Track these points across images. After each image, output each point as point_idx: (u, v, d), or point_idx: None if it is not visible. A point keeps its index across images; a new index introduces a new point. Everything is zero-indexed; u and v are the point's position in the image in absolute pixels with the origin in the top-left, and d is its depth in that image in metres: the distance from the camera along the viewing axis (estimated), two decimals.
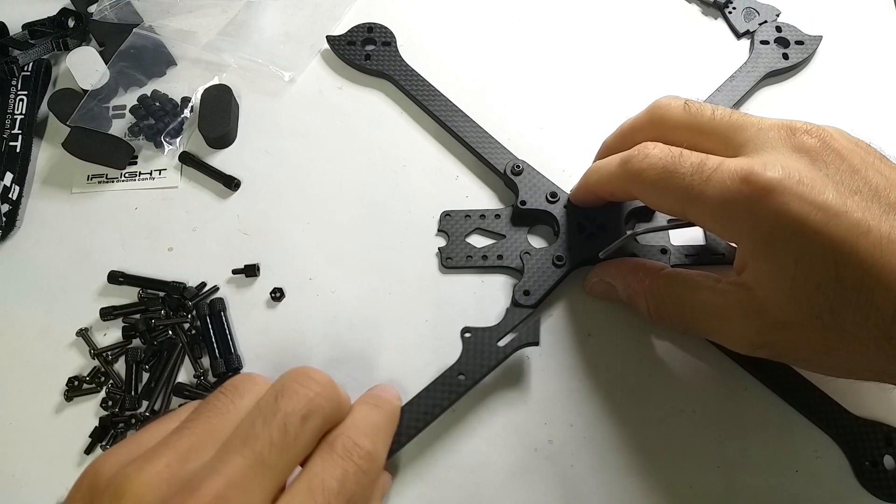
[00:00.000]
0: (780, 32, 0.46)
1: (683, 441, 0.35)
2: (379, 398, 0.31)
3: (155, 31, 0.48)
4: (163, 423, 0.26)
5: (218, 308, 0.38)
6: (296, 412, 0.24)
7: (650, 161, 0.30)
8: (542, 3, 0.49)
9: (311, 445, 0.25)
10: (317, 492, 0.23)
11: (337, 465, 0.25)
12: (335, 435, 0.26)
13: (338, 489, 0.24)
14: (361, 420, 0.28)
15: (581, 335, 0.38)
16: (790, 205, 0.26)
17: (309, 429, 0.25)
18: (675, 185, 0.29)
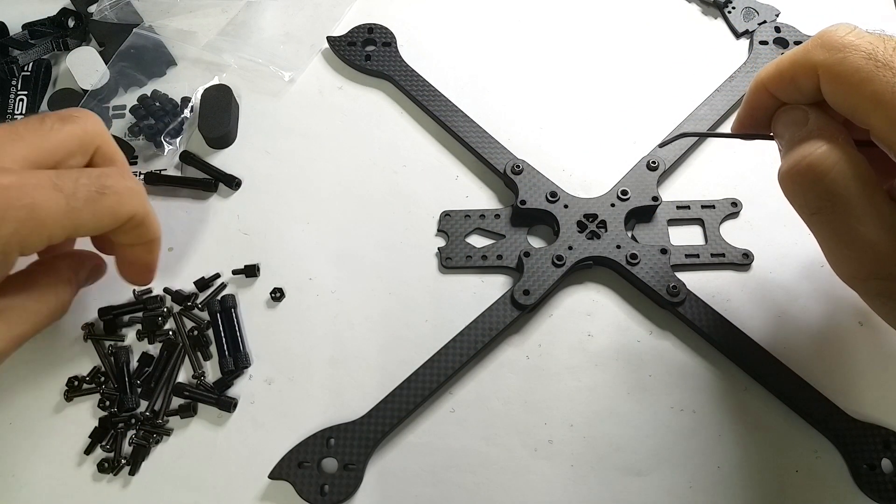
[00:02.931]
0: (780, 33, 0.46)
1: (683, 441, 0.35)
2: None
3: (155, 31, 0.48)
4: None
5: (229, 304, 0.38)
6: (58, 116, 0.29)
7: (854, 41, 0.26)
8: (542, 3, 0.49)
9: (64, 145, 0.28)
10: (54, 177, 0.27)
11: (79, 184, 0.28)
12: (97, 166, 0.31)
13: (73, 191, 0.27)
14: (118, 173, 0.30)
15: (581, 335, 0.38)
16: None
17: (66, 129, 0.28)
18: (878, 80, 0.24)
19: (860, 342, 0.37)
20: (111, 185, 0.28)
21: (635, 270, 0.38)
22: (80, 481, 0.35)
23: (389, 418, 0.35)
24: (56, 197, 0.26)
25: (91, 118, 0.30)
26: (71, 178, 0.27)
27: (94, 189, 0.27)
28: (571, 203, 0.40)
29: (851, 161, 0.25)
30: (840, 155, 0.25)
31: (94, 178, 0.28)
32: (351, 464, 0.34)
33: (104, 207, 0.28)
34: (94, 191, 0.27)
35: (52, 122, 0.28)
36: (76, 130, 0.29)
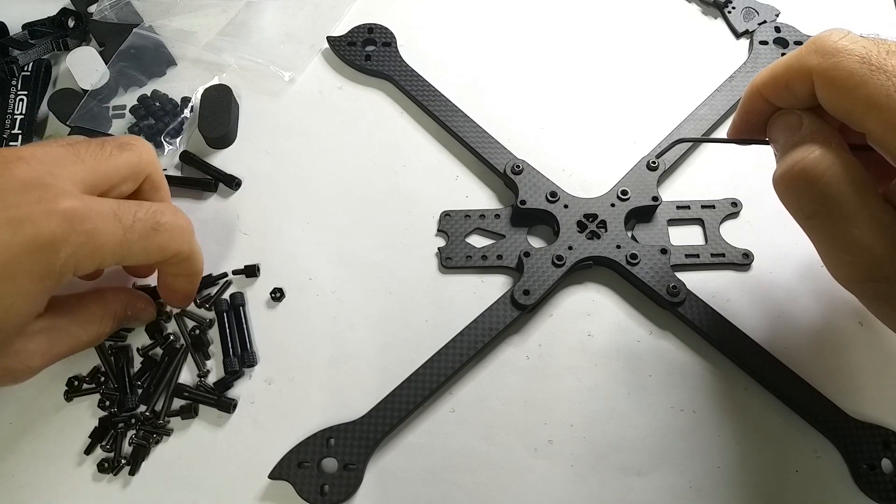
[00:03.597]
0: (779, 33, 0.46)
1: (683, 441, 0.35)
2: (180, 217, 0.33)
3: (155, 31, 0.48)
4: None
5: (238, 302, 0.38)
6: (117, 142, 0.30)
7: (847, 45, 0.25)
8: (542, 3, 0.49)
9: (120, 171, 0.30)
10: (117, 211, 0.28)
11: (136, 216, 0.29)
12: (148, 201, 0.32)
13: (131, 224, 0.29)
14: (171, 211, 0.32)
15: (581, 335, 0.38)
16: None
17: (123, 156, 0.30)
18: (873, 83, 0.24)
19: (860, 342, 0.37)
20: (165, 223, 0.30)
21: (635, 270, 0.38)
22: (80, 481, 0.35)
23: (389, 418, 0.35)
24: (115, 227, 0.27)
25: (145, 146, 0.32)
26: (130, 211, 0.28)
27: (150, 225, 0.29)
28: (571, 203, 0.40)
29: (845, 165, 0.25)
30: (833, 159, 0.25)
31: (150, 213, 0.29)
32: (351, 464, 0.34)
33: (155, 243, 0.29)
34: (149, 227, 0.29)
35: (111, 149, 0.30)
36: (132, 158, 0.30)
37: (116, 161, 0.29)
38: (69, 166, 0.27)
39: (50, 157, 0.27)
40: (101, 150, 0.29)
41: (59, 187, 0.26)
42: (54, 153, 0.28)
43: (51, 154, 0.27)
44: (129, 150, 0.30)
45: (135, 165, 0.30)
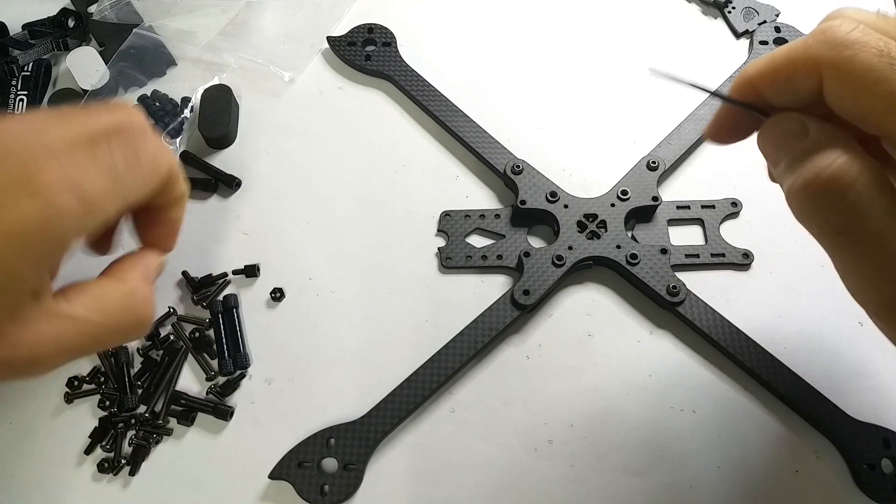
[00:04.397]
0: (779, 32, 0.46)
1: (683, 441, 0.35)
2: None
3: (155, 31, 0.48)
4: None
5: (231, 304, 0.38)
6: (105, 104, 0.28)
7: (862, 37, 0.22)
8: (542, 3, 0.49)
9: (107, 129, 0.26)
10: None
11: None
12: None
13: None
14: (145, 133, 0.28)
15: (581, 335, 0.38)
16: None
17: (111, 115, 0.27)
18: (894, 83, 0.21)
19: (860, 342, 0.37)
20: (142, 146, 0.27)
21: (635, 270, 0.38)
22: (80, 481, 0.35)
23: (389, 418, 0.35)
24: (102, 175, 0.25)
25: (135, 110, 0.29)
26: (105, 147, 0.25)
27: (129, 152, 0.26)
28: (571, 203, 0.40)
29: (875, 172, 0.22)
30: (863, 165, 0.22)
31: (124, 141, 0.26)
32: (351, 464, 0.34)
33: (145, 168, 0.27)
34: (130, 154, 0.26)
35: (98, 110, 0.28)
36: (120, 117, 0.28)
37: (103, 119, 0.27)
38: (52, 126, 0.25)
39: (30, 121, 0.25)
40: (86, 110, 0.27)
41: (41, 153, 0.23)
42: (37, 117, 0.26)
43: (32, 119, 0.25)
44: (117, 111, 0.28)
45: (123, 124, 0.27)
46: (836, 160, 0.22)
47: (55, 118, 0.26)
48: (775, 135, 0.25)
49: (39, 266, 0.23)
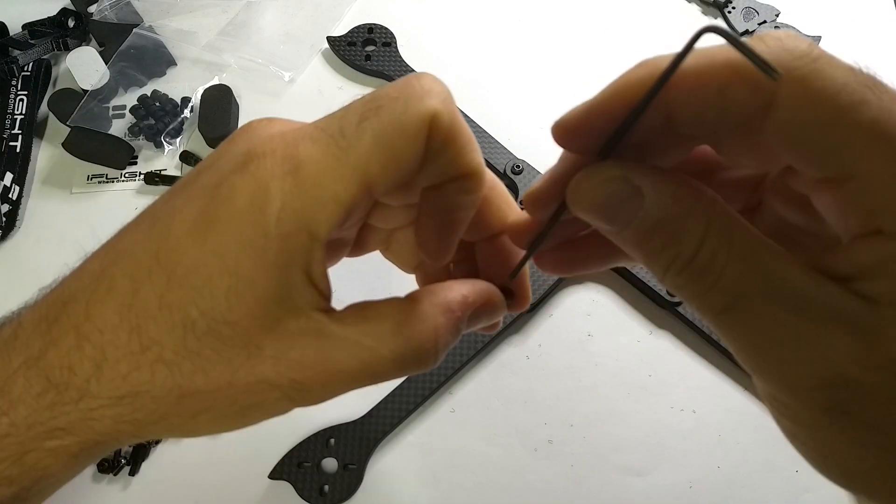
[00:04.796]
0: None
1: (683, 441, 0.35)
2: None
3: (155, 31, 0.48)
4: None
5: None
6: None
7: (825, 53, 0.17)
8: (542, 4, 0.49)
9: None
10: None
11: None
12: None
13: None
14: (404, 80, 0.20)
15: (581, 335, 0.38)
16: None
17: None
18: (876, 108, 0.16)
19: None
20: (386, 93, 0.19)
21: (635, 270, 0.38)
22: (80, 481, 0.35)
23: (389, 418, 0.35)
24: (321, 145, 0.19)
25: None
26: (340, 111, 0.19)
27: (367, 107, 0.19)
28: None
29: (747, 241, 0.17)
30: (730, 234, 0.17)
31: (363, 100, 0.20)
32: (351, 464, 0.34)
33: (383, 123, 0.19)
34: (367, 110, 0.19)
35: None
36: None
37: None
38: (318, 120, 0.20)
39: (291, 121, 0.21)
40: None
41: (265, 136, 0.20)
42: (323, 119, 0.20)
43: (292, 121, 0.21)
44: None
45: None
46: (701, 242, 0.18)
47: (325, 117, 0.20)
48: (598, 198, 0.19)
49: (264, 261, 0.19)
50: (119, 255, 0.21)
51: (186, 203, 0.20)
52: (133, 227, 0.22)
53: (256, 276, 0.19)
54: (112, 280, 0.20)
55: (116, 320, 0.20)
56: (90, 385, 0.20)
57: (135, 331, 0.19)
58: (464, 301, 0.22)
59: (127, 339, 0.20)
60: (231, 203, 0.19)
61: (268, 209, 0.18)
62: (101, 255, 0.22)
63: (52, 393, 0.20)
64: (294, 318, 0.20)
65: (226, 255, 0.19)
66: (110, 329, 0.20)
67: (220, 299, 0.19)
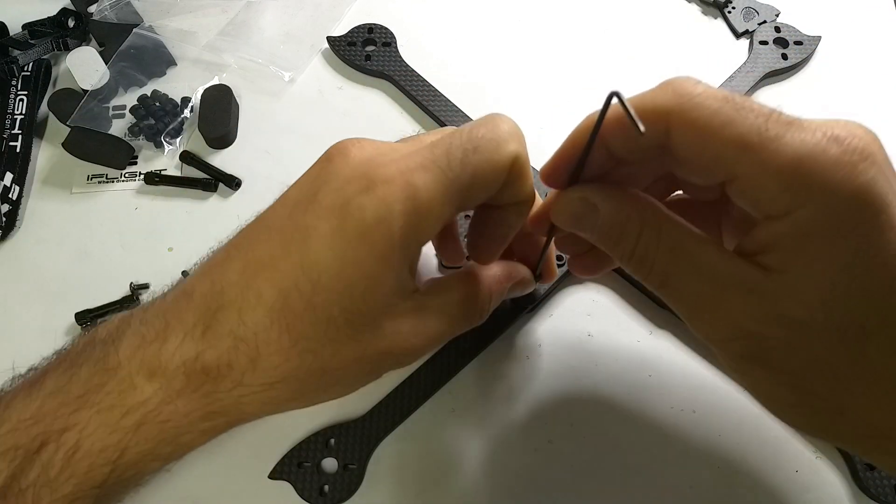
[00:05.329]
0: (779, 33, 0.46)
1: (683, 441, 0.35)
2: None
3: (155, 31, 0.48)
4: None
5: None
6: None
7: (707, 88, 0.22)
8: (542, 4, 0.49)
9: (475, 176, 0.26)
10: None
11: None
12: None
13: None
14: (487, 122, 0.27)
15: (581, 335, 0.38)
16: (878, 182, 0.20)
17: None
18: (742, 121, 0.22)
19: None
20: (482, 134, 0.25)
21: None
22: None
23: (390, 418, 0.35)
24: (432, 172, 0.24)
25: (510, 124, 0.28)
26: (442, 147, 0.25)
27: (468, 145, 0.25)
28: None
29: (672, 234, 0.24)
30: (659, 232, 0.24)
31: (465, 133, 0.25)
32: (351, 464, 0.34)
33: (481, 160, 0.25)
34: (467, 149, 0.25)
35: (453, 129, 0.27)
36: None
37: (446, 130, 0.27)
38: (400, 146, 0.26)
39: (384, 143, 0.27)
40: (439, 131, 0.28)
41: (380, 161, 0.25)
42: (395, 144, 0.27)
43: (391, 144, 0.27)
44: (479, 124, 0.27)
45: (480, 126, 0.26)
46: (637, 239, 0.24)
47: (400, 142, 0.28)
48: (567, 213, 0.26)
49: (387, 265, 0.24)
50: (259, 269, 0.25)
51: (318, 221, 0.24)
52: (260, 242, 0.26)
53: (385, 277, 0.24)
54: (259, 291, 0.24)
55: (268, 322, 0.24)
56: (244, 377, 0.25)
57: (285, 330, 0.24)
58: (507, 277, 0.31)
59: (277, 337, 0.24)
60: (362, 221, 0.24)
61: (393, 225, 0.24)
62: (237, 269, 0.25)
63: (208, 385, 0.25)
64: (404, 301, 0.26)
65: (362, 264, 0.24)
66: (263, 330, 0.24)
67: (357, 299, 0.24)
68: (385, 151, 0.26)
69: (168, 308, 0.25)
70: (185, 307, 0.25)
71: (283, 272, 0.24)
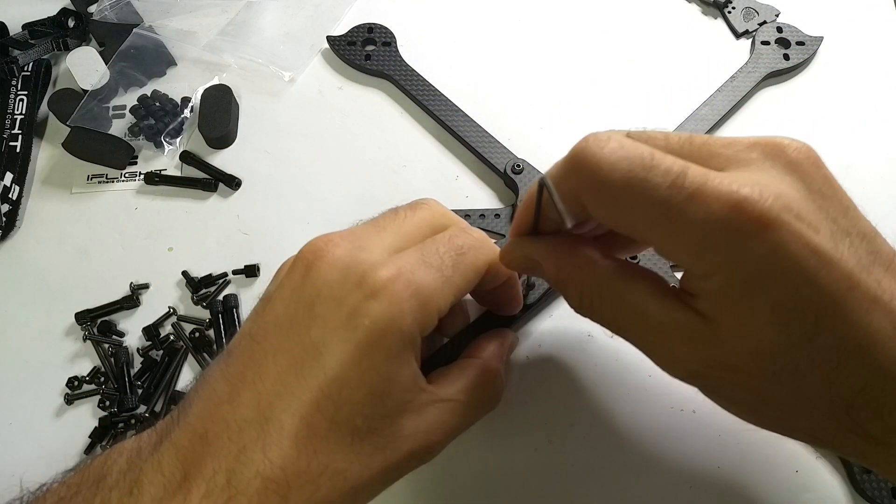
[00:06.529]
0: (782, 33, 0.46)
1: (683, 441, 0.35)
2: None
3: (155, 31, 0.48)
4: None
5: (231, 304, 0.38)
6: (407, 206, 0.30)
7: (611, 159, 0.23)
8: (542, 3, 0.49)
9: (419, 229, 0.29)
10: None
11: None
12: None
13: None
14: (461, 230, 0.30)
15: (581, 335, 0.38)
16: (787, 245, 0.21)
17: (417, 215, 0.29)
18: (645, 198, 0.22)
19: None
20: (463, 243, 0.28)
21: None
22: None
23: None
24: (430, 272, 0.26)
25: (436, 204, 0.31)
26: (432, 249, 0.27)
27: (454, 252, 0.28)
28: None
29: (612, 288, 0.26)
30: (598, 288, 0.27)
31: (448, 241, 0.28)
32: None
33: (468, 265, 0.28)
34: (455, 254, 0.28)
35: (405, 212, 0.30)
36: (426, 215, 0.30)
37: (413, 220, 0.29)
38: (373, 237, 0.28)
39: (354, 234, 0.28)
40: (395, 215, 0.29)
41: (370, 261, 0.26)
42: (357, 230, 0.28)
43: (355, 232, 0.28)
44: (422, 209, 0.30)
45: (429, 221, 0.29)
46: (580, 297, 0.28)
47: (371, 230, 0.28)
48: (516, 266, 0.30)
49: (402, 362, 0.25)
50: (275, 399, 0.24)
51: (327, 337, 0.24)
52: (267, 369, 0.25)
53: (400, 374, 0.25)
54: (280, 423, 0.23)
55: (294, 454, 0.23)
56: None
57: (313, 457, 0.23)
58: (507, 348, 0.34)
59: (307, 467, 0.23)
60: (375, 327, 0.24)
61: (404, 325, 0.25)
62: (250, 403, 0.24)
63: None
64: (418, 395, 0.27)
65: (379, 368, 0.24)
66: (291, 463, 0.23)
67: (377, 402, 0.25)
68: (361, 245, 0.27)
69: (185, 454, 0.24)
70: (203, 452, 0.23)
71: (301, 398, 0.24)
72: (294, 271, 0.27)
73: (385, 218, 0.29)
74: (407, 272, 0.26)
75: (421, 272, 0.26)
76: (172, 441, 0.24)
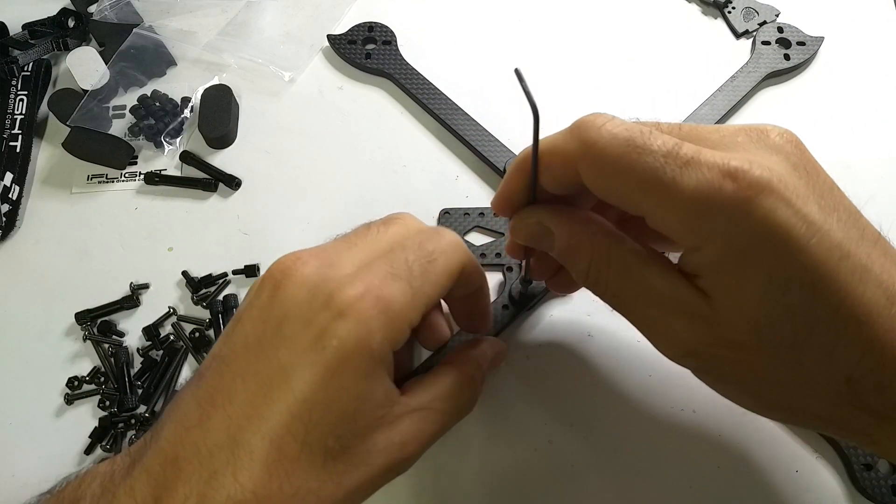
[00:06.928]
0: (782, 33, 0.46)
1: (683, 441, 0.35)
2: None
3: (155, 31, 0.48)
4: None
5: (231, 304, 0.38)
6: (380, 221, 0.29)
7: (611, 130, 0.24)
8: (543, 3, 0.49)
9: (390, 244, 0.28)
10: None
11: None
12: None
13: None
14: (432, 234, 0.29)
15: (581, 335, 0.38)
16: (777, 211, 0.22)
17: (391, 230, 0.28)
18: (642, 166, 0.23)
19: None
20: (434, 248, 0.27)
21: None
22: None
23: None
24: (398, 283, 0.26)
25: (411, 218, 0.30)
26: (400, 258, 0.27)
27: (424, 260, 0.27)
28: None
29: (620, 257, 0.26)
30: (608, 257, 0.27)
31: (417, 248, 0.27)
32: None
33: (439, 272, 0.27)
34: (424, 261, 0.27)
35: (378, 227, 0.29)
36: (399, 230, 0.29)
37: (385, 236, 0.28)
38: (344, 253, 0.27)
39: (324, 251, 0.27)
40: (367, 230, 0.29)
41: (338, 279, 0.25)
42: (327, 247, 0.28)
43: (325, 249, 0.27)
44: (395, 224, 0.29)
45: (402, 235, 0.28)
46: (588, 264, 0.27)
47: (342, 246, 0.27)
48: (526, 234, 0.29)
49: (373, 380, 0.25)
50: (245, 423, 0.23)
51: (295, 359, 0.24)
52: (236, 392, 0.24)
53: (371, 391, 0.25)
54: (250, 447, 0.23)
55: (266, 477, 0.23)
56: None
57: (285, 479, 0.23)
58: (490, 357, 0.33)
59: (279, 489, 0.23)
60: (343, 348, 0.24)
61: (373, 343, 0.24)
62: (220, 428, 0.24)
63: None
64: (390, 408, 0.26)
65: (350, 388, 0.24)
66: (262, 486, 0.23)
67: (349, 420, 0.24)
68: (331, 262, 0.26)
69: (156, 479, 0.23)
70: (174, 477, 0.23)
71: (270, 421, 0.23)
72: (262, 291, 0.26)
73: (357, 234, 0.28)
74: (375, 288, 0.25)
75: (389, 286, 0.25)
76: (144, 466, 0.24)
